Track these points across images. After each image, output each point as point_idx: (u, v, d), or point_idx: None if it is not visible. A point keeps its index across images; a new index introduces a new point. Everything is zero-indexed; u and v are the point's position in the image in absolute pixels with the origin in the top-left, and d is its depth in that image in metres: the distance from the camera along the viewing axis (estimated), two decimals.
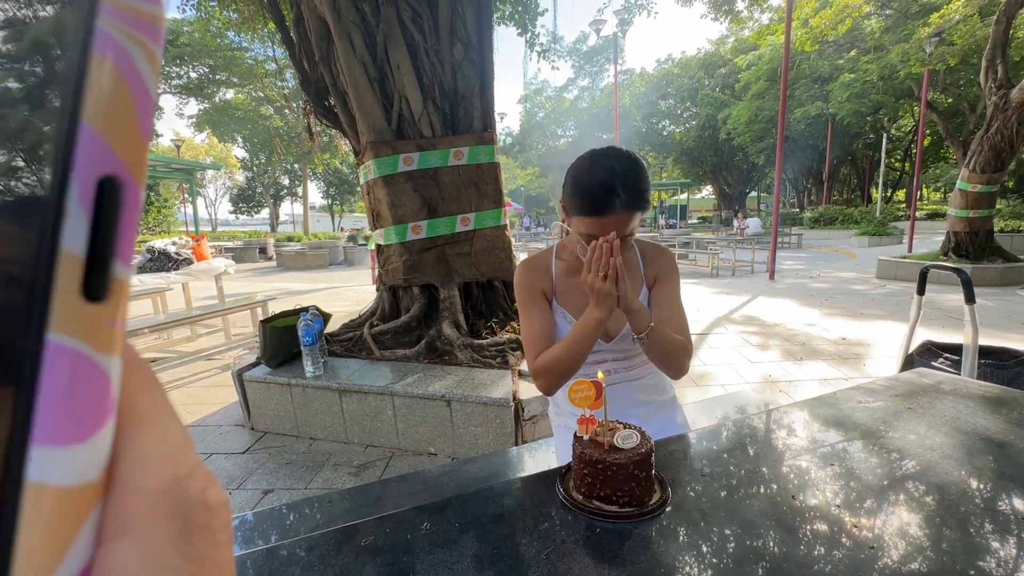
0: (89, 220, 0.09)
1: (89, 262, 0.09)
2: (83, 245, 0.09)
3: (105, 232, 0.09)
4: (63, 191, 0.09)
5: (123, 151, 0.10)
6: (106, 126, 0.09)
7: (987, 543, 0.66)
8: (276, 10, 3.83)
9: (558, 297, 1.18)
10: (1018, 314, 5.39)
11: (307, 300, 7.27)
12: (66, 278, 0.09)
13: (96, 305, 0.09)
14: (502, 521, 0.75)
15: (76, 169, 0.09)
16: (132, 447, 0.10)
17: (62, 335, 0.09)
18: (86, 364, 0.09)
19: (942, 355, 1.99)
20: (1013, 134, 6.99)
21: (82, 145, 0.09)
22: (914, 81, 14.51)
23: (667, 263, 1.19)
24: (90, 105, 0.09)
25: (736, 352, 4.25)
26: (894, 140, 26.73)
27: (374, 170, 3.27)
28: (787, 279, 8.81)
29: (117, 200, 0.10)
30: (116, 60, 0.10)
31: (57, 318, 0.09)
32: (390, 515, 0.78)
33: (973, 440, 0.93)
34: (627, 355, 1.19)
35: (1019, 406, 1.08)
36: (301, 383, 2.73)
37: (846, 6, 10.50)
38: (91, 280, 0.09)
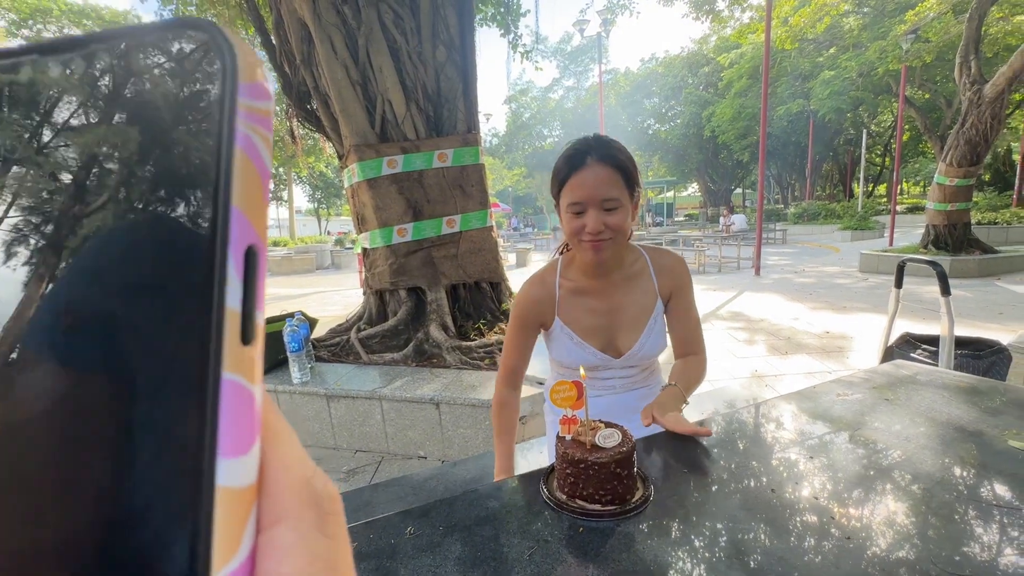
0: (241, 283, 0.12)
1: (243, 315, 0.12)
2: (239, 302, 0.12)
3: (250, 290, 0.12)
4: (224, 263, 0.12)
5: (257, 223, 0.13)
6: (247, 206, 0.12)
7: (963, 529, 0.68)
8: (256, 14, 3.80)
9: (562, 315, 1.14)
10: (995, 304, 5.51)
11: (294, 305, 7.20)
12: (231, 329, 0.12)
13: (248, 347, 0.12)
14: (487, 523, 0.75)
15: (232, 245, 0.12)
16: (274, 454, 0.14)
17: (231, 373, 0.12)
18: (245, 393, 0.12)
19: (920, 346, 2.04)
20: (987, 128, 7.15)
21: (234, 226, 0.12)
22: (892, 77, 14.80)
23: (681, 273, 1.16)
24: (236, 193, 0.12)
25: (723, 348, 4.30)
26: (874, 136, 27.20)
27: (358, 173, 3.26)
28: (773, 274, 8.93)
29: (256, 263, 0.13)
30: (249, 152, 0.12)
31: (227, 360, 0.12)
32: (374, 520, 0.77)
33: (947, 429, 0.96)
34: (636, 375, 1.19)
35: (992, 395, 1.11)
36: (288, 389, 2.71)
37: (824, 4, 10.67)
38: (245, 328, 0.12)
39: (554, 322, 1.14)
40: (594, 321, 1.12)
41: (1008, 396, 1.10)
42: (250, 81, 0.13)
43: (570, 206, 1.01)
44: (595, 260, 1.04)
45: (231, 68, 0.12)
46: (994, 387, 1.16)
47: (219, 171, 0.12)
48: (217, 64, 0.12)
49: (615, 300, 1.12)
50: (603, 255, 1.02)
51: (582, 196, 0.99)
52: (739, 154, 25.39)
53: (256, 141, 0.13)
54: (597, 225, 0.98)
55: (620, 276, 1.13)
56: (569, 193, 1.01)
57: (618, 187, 0.99)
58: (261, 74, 0.13)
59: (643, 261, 1.15)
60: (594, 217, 0.98)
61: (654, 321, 1.12)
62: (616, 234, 1.01)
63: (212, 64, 0.12)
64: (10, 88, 0.13)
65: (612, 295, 1.12)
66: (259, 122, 0.13)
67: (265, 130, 0.13)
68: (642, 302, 1.12)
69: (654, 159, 33.49)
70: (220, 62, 0.12)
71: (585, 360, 1.11)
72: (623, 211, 1.01)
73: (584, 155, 1.00)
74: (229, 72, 0.12)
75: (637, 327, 1.11)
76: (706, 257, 10.30)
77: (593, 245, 1.01)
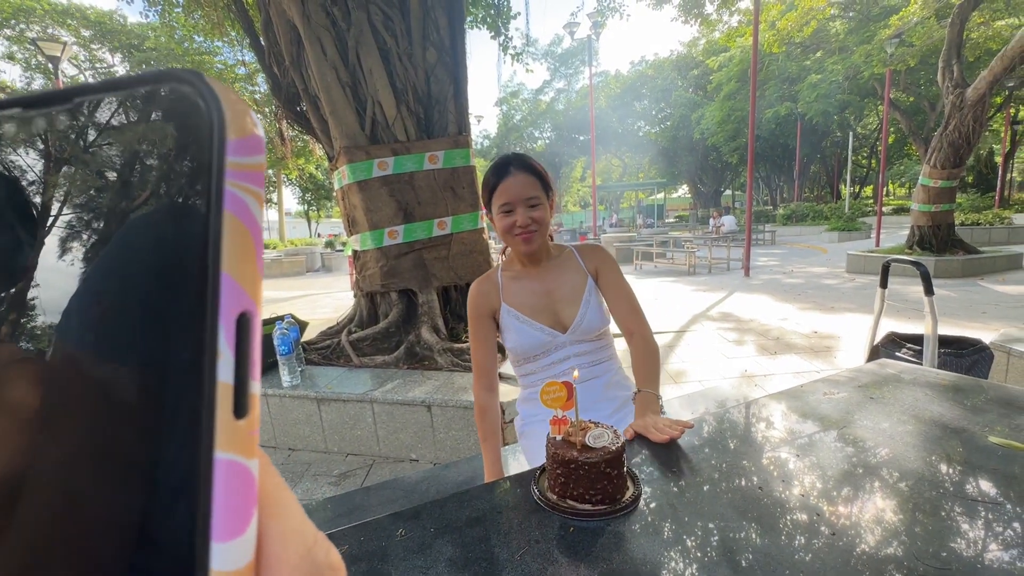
0: (234, 354, 0.11)
1: (236, 387, 0.11)
2: (231, 375, 0.11)
3: (244, 359, 0.12)
4: (215, 335, 0.11)
5: (250, 288, 0.12)
6: (238, 271, 0.12)
7: (948, 525, 0.69)
8: (244, 15, 3.77)
9: (507, 300, 1.28)
10: (978, 304, 5.61)
11: (284, 308, 7.15)
12: (223, 404, 0.11)
13: (242, 420, 0.12)
14: (477, 524, 0.76)
15: (222, 315, 0.11)
16: (272, 526, 0.13)
17: (224, 452, 0.11)
18: (241, 470, 0.11)
19: (905, 345, 2.07)
20: (969, 131, 7.28)
21: (224, 294, 0.11)
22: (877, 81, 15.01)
23: (602, 255, 1.34)
24: (227, 258, 0.11)
25: (713, 349, 4.33)
26: (860, 138, 27.59)
27: (348, 175, 3.24)
28: (762, 275, 9.02)
29: (249, 330, 0.12)
30: (240, 214, 0.12)
31: (220, 439, 0.11)
32: (365, 523, 0.77)
33: (931, 427, 0.97)
34: (589, 351, 1.27)
35: (973, 393, 1.13)
36: (278, 393, 2.69)
37: (810, 9, 10.81)
38: (238, 401, 0.12)
39: (501, 307, 1.27)
40: (536, 301, 1.27)
41: (989, 394, 1.12)
42: (239, 136, 0.12)
43: (501, 207, 1.20)
44: (527, 250, 1.22)
45: (219, 124, 0.12)
46: (976, 385, 1.19)
47: (208, 238, 0.11)
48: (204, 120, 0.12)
49: (550, 280, 1.28)
50: (533, 245, 1.21)
51: (510, 197, 1.18)
52: (728, 156, 25.63)
53: (247, 200, 0.12)
54: (525, 219, 1.18)
55: (552, 263, 1.31)
56: (499, 197, 1.20)
57: (537, 189, 1.20)
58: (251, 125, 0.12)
59: (569, 251, 1.35)
60: (522, 213, 1.18)
61: (589, 294, 1.27)
62: (540, 226, 1.21)
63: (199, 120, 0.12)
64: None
65: (547, 277, 1.28)
66: (249, 179, 0.12)
67: (256, 186, 0.12)
68: (574, 280, 1.28)
69: (644, 161, 33.70)
70: (207, 117, 0.12)
71: (535, 338, 1.24)
72: (543, 207, 1.21)
73: (508, 166, 1.20)
74: (217, 129, 0.12)
75: (575, 301, 1.26)
76: (696, 258, 10.37)
77: (524, 237, 1.20)
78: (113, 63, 17.92)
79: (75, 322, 0.12)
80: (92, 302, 0.12)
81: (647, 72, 29.27)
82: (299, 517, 0.14)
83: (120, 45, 16.87)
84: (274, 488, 0.14)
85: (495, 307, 1.28)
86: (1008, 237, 11.84)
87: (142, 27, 16.72)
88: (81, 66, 17.62)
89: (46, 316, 0.12)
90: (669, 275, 9.64)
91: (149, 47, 16.66)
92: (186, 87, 0.12)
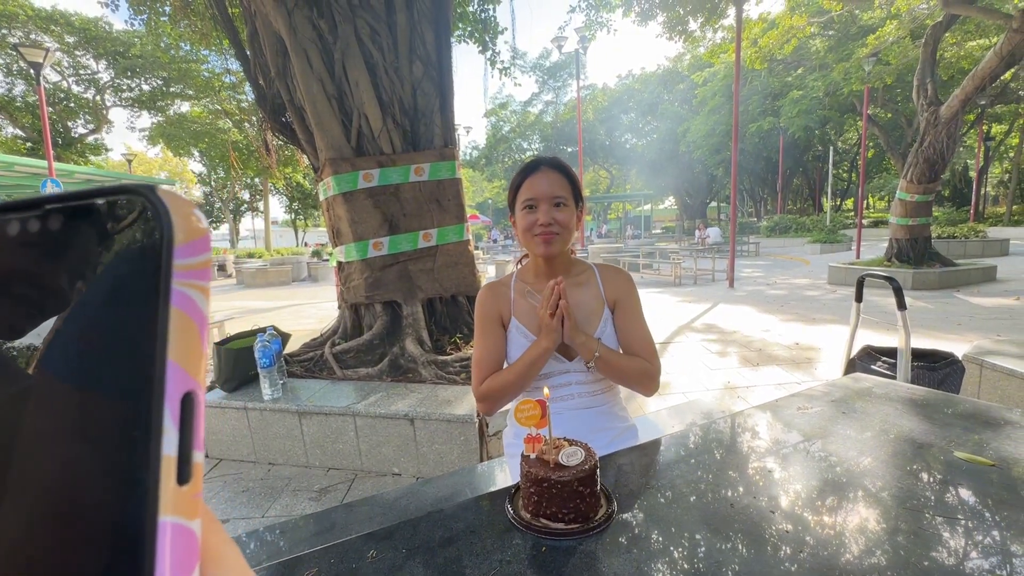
0: (177, 429, 0.13)
1: (180, 459, 0.13)
2: (175, 448, 0.13)
3: (187, 434, 0.13)
4: (160, 415, 0.13)
5: (194, 370, 0.13)
6: (183, 357, 0.13)
7: (912, 540, 0.70)
8: (230, 25, 3.77)
9: (517, 315, 1.22)
10: (954, 315, 5.75)
11: (268, 319, 7.06)
12: (167, 473, 0.13)
13: (185, 486, 0.13)
14: (450, 544, 0.75)
15: (168, 397, 0.13)
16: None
17: (167, 515, 0.12)
18: (184, 532, 0.13)
19: (880, 358, 2.11)
20: (944, 147, 7.51)
21: (170, 378, 0.13)
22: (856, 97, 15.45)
23: (625, 284, 1.24)
24: (173, 347, 0.13)
25: (697, 360, 4.37)
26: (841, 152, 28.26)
27: (333, 187, 3.24)
28: (746, 286, 9.14)
29: (193, 407, 0.13)
30: (186, 308, 0.13)
31: (164, 504, 0.12)
32: (336, 544, 0.77)
33: (899, 442, 1.00)
34: (592, 379, 1.21)
35: (941, 408, 1.16)
36: (259, 406, 2.65)
37: (791, 27, 11.11)
38: (181, 470, 0.13)
39: (510, 321, 1.22)
40: None
41: (956, 408, 1.15)
42: (185, 241, 0.14)
43: (524, 203, 1.14)
44: (545, 252, 1.15)
45: (167, 232, 0.13)
46: (945, 399, 1.22)
47: (156, 331, 0.13)
48: (154, 229, 0.13)
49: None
50: (552, 248, 1.14)
51: (535, 193, 1.13)
52: (713, 169, 26.06)
53: (193, 295, 0.14)
54: (547, 217, 1.12)
55: (570, 282, 1.22)
56: (524, 192, 1.15)
57: (565, 190, 1.14)
58: (197, 228, 0.14)
59: (591, 271, 1.26)
60: (545, 211, 1.12)
61: (604, 325, 1.20)
62: (563, 230, 1.14)
63: (150, 229, 0.13)
64: None
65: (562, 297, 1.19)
66: (195, 276, 0.14)
67: (201, 280, 0.14)
68: (591, 305, 1.20)
69: (631, 173, 34.09)
70: (157, 226, 0.13)
71: None
72: (569, 210, 1.15)
73: (538, 164, 1.16)
74: (166, 236, 0.13)
75: (587, 329, 1.18)
76: (682, 269, 10.48)
77: (544, 237, 1.13)
78: (97, 70, 17.71)
79: (38, 405, 0.13)
80: (57, 384, 0.13)
81: (634, 86, 29.74)
82: (238, 567, 0.16)
83: (105, 52, 16.70)
84: (217, 543, 0.15)
85: (505, 314, 1.23)
86: (982, 250, 12.17)
87: (127, 34, 16.59)
88: (64, 72, 17.39)
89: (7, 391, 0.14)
90: (655, 286, 9.73)
91: (135, 54, 16.52)
92: (139, 199, 0.14)
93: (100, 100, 18.29)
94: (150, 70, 17.20)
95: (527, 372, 1.14)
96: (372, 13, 3.18)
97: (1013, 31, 6.21)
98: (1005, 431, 1.03)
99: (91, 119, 18.55)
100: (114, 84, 18.15)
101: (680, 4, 8.20)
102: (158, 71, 17.15)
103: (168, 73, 17.00)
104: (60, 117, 17.28)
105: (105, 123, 18.78)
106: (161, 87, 18.07)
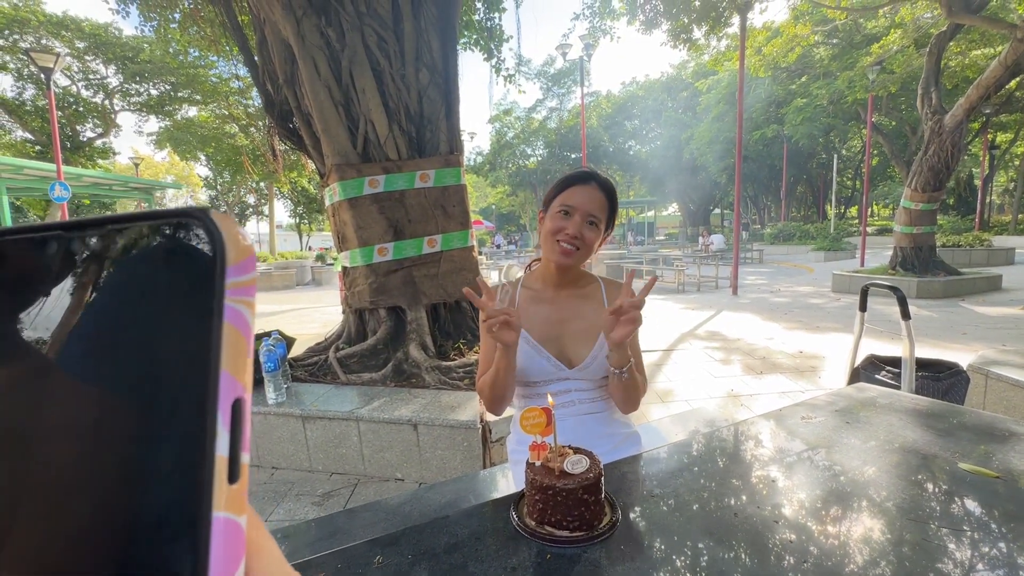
0: (228, 433, 0.14)
1: (231, 459, 0.14)
2: (227, 450, 0.14)
3: (237, 436, 0.15)
4: (215, 420, 0.14)
5: (242, 378, 0.15)
6: (233, 367, 0.15)
7: (915, 551, 0.70)
8: (239, 32, 3.82)
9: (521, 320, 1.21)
10: (959, 324, 5.72)
11: (272, 323, 7.09)
12: (219, 473, 0.14)
13: (234, 484, 0.14)
14: (455, 551, 0.76)
15: (220, 403, 0.14)
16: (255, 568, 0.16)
17: (220, 511, 0.14)
18: (233, 526, 0.14)
19: (884, 368, 2.11)
20: (948, 156, 7.50)
21: (223, 387, 0.14)
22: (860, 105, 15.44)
23: None
24: (225, 358, 0.14)
25: (700, 367, 4.36)
26: (845, 160, 28.23)
27: (339, 192, 3.26)
28: (750, 294, 9.12)
29: (242, 413, 0.15)
30: (236, 322, 0.15)
31: (217, 500, 0.14)
32: (343, 549, 0.77)
33: (903, 453, 1.00)
34: (591, 387, 1.22)
35: (945, 418, 1.16)
36: (263, 410, 2.66)
37: (795, 36, 11.14)
38: (232, 469, 0.14)
39: None
40: (549, 329, 1.21)
41: (960, 419, 1.15)
42: (236, 261, 0.15)
43: (562, 206, 1.15)
44: (562, 262, 1.16)
45: (221, 253, 0.15)
46: (949, 410, 1.22)
47: (211, 344, 0.14)
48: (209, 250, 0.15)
49: (569, 312, 1.23)
50: (569, 261, 1.16)
51: (576, 202, 1.14)
52: (717, 176, 26.05)
53: (242, 309, 0.15)
54: (577, 231, 1.13)
55: (575, 293, 1.25)
56: (565, 196, 1.16)
57: (604, 212, 1.17)
58: (245, 247, 0.16)
59: (597, 285, 1.28)
60: (577, 223, 1.14)
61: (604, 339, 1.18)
62: (585, 247, 1.16)
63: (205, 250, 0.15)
64: (34, 264, 0.16)
65: (566, 307, 1.23)
66: (244, 292, 0.15)
67: (249, 296, 0.16)
68: (593, 319, 1.20)
69: (635, 179, 34.12)
70: (212, 247, 0.15)
71: (541, 366, 1.19)
72: (598, 232, 1.17)
73: (590, 177, 1.18)
74: (219, 256, 0.15)
75: (588, 341, 1.20)
76: (685, 276, 10.47)
77: (564, 249, 1.14)
78: (106, 75, 17.89)
79: (106, 410, 0.15)
80: (121, 392, 0.15)
81: (638, 93, 29.83)
82: (279, 560, 0.18)
83: (114, 57, 16.87)
84: (257, 536, 0.17)
85: None
86: (988, 259, 12.11)
87: (137, 40, 16.76)
88: (74, 77, 17.58)
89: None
90: (658, 293, 9.72)
91: (143, 60, 16.68)
92: (195, 222, 0.15)
93: (108, 104, 18.46)
94: (158, 75, 17.35)
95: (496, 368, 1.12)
96: (379, 21, 3.22)
97: (1018, 40, 6.21)
98: (1011, 443, 1.02)
99: (99, 123, 18.71)
100: (122, 89, 18.31)
101: (685, 13, 8.24)
102: (166, 76, 17.30)
103: (176, 78, 17.15)
104: (69, 121, 17.44)
105: (113, 127, 18.95)
106: (169, 92, 18.22)
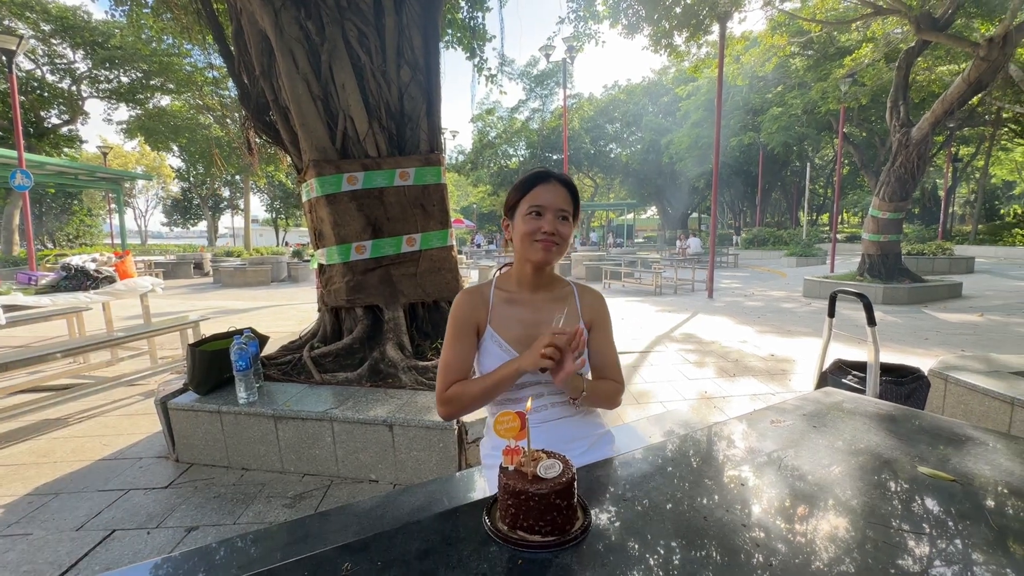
0: None
1: None
2: None
3: None
4: None
5: None
6: None
7: (875, 554, 0.72)
8: (214, 21, 3.72)
9: (494, 324, 1.23)
10: (922, 330, 5.94)
11: (245, 320, 6.93)
12: None
13: None
14: (427, 557, 0.75)
15: None
16: None
17: None
18: None
19: (851, 373, 2.18)
20: (914, 167, 7.78)
21: None
22: (833, 116, 15.91)
23: (601, 307, 1.31)
24: None
25: (675, 369, 4.43)
26: (818, 168, 29.06)
27: (317, 188, 3.20)
28: (725, 297, 9.30)
29: None
30: None
31: None
32: (310, 556, 0.75)
33: (866, 457, 1.03)
34: (562, 391, 1.23)
35: (906, 423, 1.20)
36: (233, 410, 2.59)
37: (772, 46, 11.41)
38: None
39: (486, 329, 1.23)
40: (522, 331, 1.22)
41: (920, 423, 1.19)
42: None
43: (531, 207, 1.16)
44: (543, 259, 1.18)
45: None
46: (910, 415, 1.26)
47: None
48: None
49: (543, 315, 1.23)
50: (550, 256, 1.18)
51: (544, 202, 1.16)
52: (695, 180, 26.52)
53: None
54: (553, 227, 1.15)
55: (549, 296, 1.27)
56: (532, 198, 1.17)
57: (570, 206, 1.19)
58: None
59: (570, 289, 1.31)
60: (551, 220, 1.16)
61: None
62: (562, 242, 1.19)
63: None
64: None
65: (540, 309, 1.24)
66: None
67: None
68: (568, 323, 1.21)
69: (615, 182, 34.46)
70: None
71: None
72: (569, 226, 1.20)
73: (550, 175, 1.20)
74: None
75: None
76: (663, 279, 10.62)
77: (545, 245, 1.16)
78: (74, 59, 17.22)
79: None
80: None
81: (619, 96, 30.15)
82: None
83: (83, 41, 16.25)
84: None
85: (481, 323, 1.23)
86: (949, 267, 12.62)
87: (107, 24, 16.17)
88: (38, 61, 16.87)
89: None
90: (636, 295, 9.83)
91: (114, 45, 16.11)
92: None
93: (76, 91, 17.77)
94: (130, 62, 16.78)
95: (495, 388, 1.15)
96: (360, 16, 3.17)
97: (980, 59, 6.48)
98: (966, 447, 1.07)
99: (66, 109, 17.99)
100: (91, 75, 17.65)
101: (666, 19, 8.36)
102: (138, 63, 16.74)
103: (148, 66, 16.60)
104: (33, 106, 16.73)
105: (80, 114, 18.24)
106: (141, 80, 17.63)
